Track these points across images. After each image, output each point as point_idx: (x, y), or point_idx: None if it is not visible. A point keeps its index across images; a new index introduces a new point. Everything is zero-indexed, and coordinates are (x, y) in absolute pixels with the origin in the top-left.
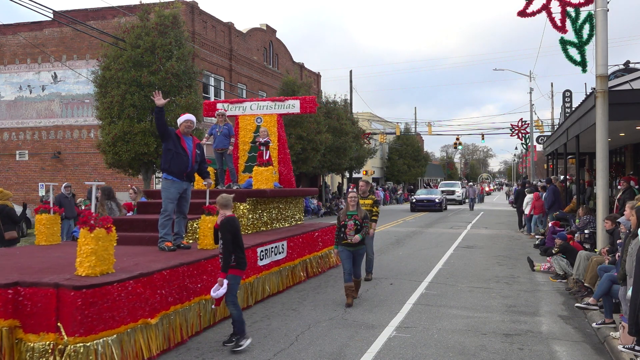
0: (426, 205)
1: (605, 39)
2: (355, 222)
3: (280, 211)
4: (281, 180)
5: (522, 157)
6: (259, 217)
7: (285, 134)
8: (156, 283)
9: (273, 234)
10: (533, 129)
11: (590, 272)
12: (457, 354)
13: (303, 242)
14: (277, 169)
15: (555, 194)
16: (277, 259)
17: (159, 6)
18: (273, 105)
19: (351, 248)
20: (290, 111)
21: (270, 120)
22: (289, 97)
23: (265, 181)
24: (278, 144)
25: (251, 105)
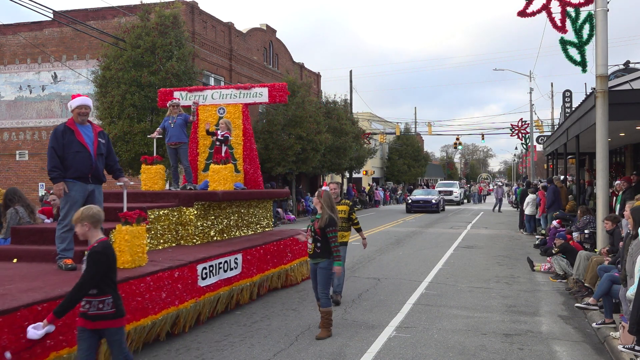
0: (422, 206)
1: (605, 39)
2: (312, 228)
3: (241, 217)
4: (246, 180)
5: (522, 157)
6: (211, 224)
7: (251, 127)
8: (19, 323)
9: (227, 245)
10: (533, 129)
11: (590, 272)
12: (457, 354)
13: (265, 254)
14: (242, 168)
15: (555, 194)
16: (229, 277)
17: (159, 6)
18: (238, 93)
19: (311, 260)
20: (258, 100)
21: (234, 111)
22: (255, 85)
23: (223, 181)
24: (243, 139)
25: (212, 93)
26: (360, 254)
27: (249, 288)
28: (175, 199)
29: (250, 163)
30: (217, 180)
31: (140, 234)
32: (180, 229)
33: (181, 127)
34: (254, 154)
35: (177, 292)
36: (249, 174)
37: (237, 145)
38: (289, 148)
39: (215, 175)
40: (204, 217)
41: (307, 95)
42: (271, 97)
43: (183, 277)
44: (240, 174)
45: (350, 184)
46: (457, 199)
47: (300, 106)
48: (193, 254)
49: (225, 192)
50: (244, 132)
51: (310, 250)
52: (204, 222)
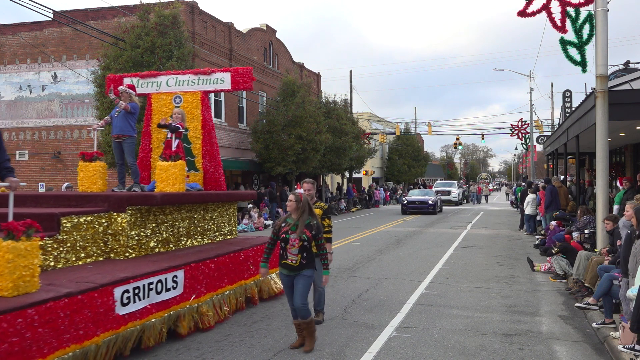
0: (418, 207)
1: (605, 39)
2: (303, 237)
3: (194, 223)
4: (206, 180)
5: (522, 157)
6: (151, 233)
7: (212, 118)
8: None
9: (166, 259)
10: (533, 129)
11: (590, 272)
12: (457, 354)
13: (218, 269)
14: (201, 165)
15: (553, 194)
16: (165, 299)
17: (159, 6)
18: (196, 79)
19: (290, 272)
20: (219, 87)
21: (192, 100)
22: (216, 69)
23: (172, 181)
24: (203, 132)
25: (167, 80)
26: (360, 254)
27: (194, 311)
28: (104, 203)
29: (211, 160)
30: (165, 179)
31: (30, 251)
32: (110, 239)
33: (126, 118)
34: (215, 150)
35: (82, 325)
36: (209, 173)
37: (195, 139)
38: (289, 148)
39: (163, 174)
40: (141, 225)
41: (307, 95)
42: (234, 83)
43: (92, 305)
44: (199, 172)
45: (350, 184)
46: (455, 200)
47: (300, 106)
48: (114, 272)
49: (166, 194)
50: (203, 125)
51: (294, 262)
52: (140, 231)
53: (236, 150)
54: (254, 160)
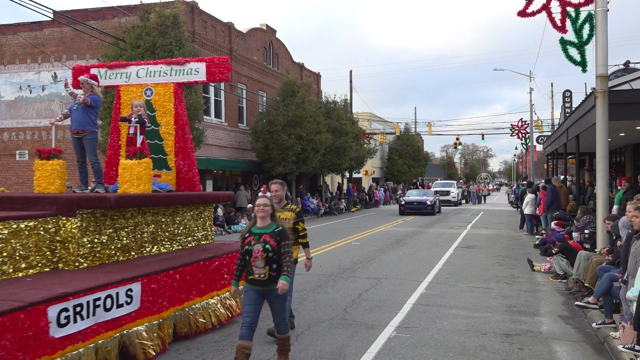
0: (416, 208)
1: (605, 39)
2: (266, 247)
3: (161, 228)
4: (179, 179)
5: (522, 157)
6: (108, 239)
7: (185, 113)
8: None
9: (121, 270)
10: (533, 129)
11: (590, 272)
12: (457, 354)
13: (184, 280)
14: (174, 164)
15: (554, 194)
16: (117, 317)
17: (159, 6)
18: (169, 70)
19: (259, 287)
20: (193, 79)
21: (164, 93)
22: (190, 59)
23: (136, 181)
24: (175, 128)
25: (138, 70)
26: (360, 254)
27: (154, 329)
28: (52, 206)
29: (184, 158)
30: (128, 179)
31: None
32: (59, 247)
33: (86, 112)
34: (188, 147)
35: (3, 352)
36: (182, 172)
37: (168, 135)
38: (289, 148)
39: (126, 174)
40: (95, 231)
41: (307, 95)
42: (209, 74)
43: (16, 328)
44: (172, 172)
45: (350, 184)
46: (454, 200)
47: (300, 106)
48: (52, 287)
49: (122, 196)
50: (176, 119)
51: (263, 276)
52: (94, 238)
53: (236, 150)
54: (254, 160)
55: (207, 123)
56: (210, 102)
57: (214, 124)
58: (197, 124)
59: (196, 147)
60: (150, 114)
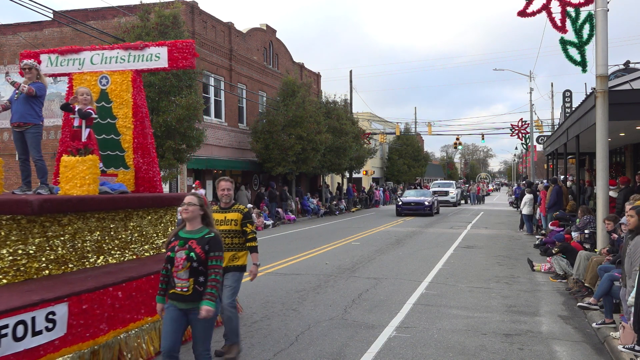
0: (413, 209)
1: (605, 39)
2: (190, 255)
3: (110, 235)
4: (138, 179)
5: (522, 157)
6: (37, 250)
7: (145, 104)
8: None
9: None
10: (533, 129)
11: (590, 272)
12: (457, 354)
13: (129, 297)
14: (132, 162)
15: (559, 195)
16: (31, 347)
17: (159, 6)
18: (126, 55)
19: (181, 304)
20: (154, 65)
21: (121, 81)
22: (150, 43)
23: (80, 181)
24: (134, 121)
25: (92, 56)
26: (360, 254)
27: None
28: None
29: (144, 155)
30: (70, 179)
31: None
32: None
33: (29, 102)
34: (148, 143)
35: None
36: (142, 171)
37: (125, 130)
38: (289, 148)
39: (68, 172)
40: (19, 240)
41: (307, 95)
42: (172, 60)
43: None
44: (130, 170)
45: (350, 184)
46: (453, 200)
47: (301, 106)
48: None
49: (47, 199)
50: (134, 112)
51: (186, 290)
52: (18, 248)
53: (236, 150)
54: (254, 160)
55: (207, 123)
56: (210, 102)
57: (214, 124)
58: (197, 124)
59: (196, 147)
60: (106, 106)
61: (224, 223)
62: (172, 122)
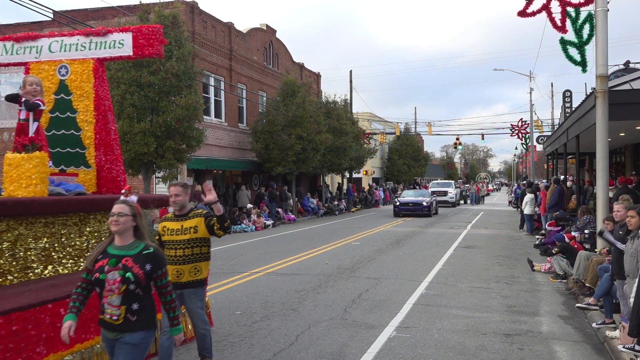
0: (411, 209)
1: (605, 39)
2: (127, 276)
3: (59, 242)
4: (100, 179)
5: (522, 157)
6: None
7: (108, 96)
8: None
9: None
10: (533, 129)
11: (591, 272)
12: (457, 354)
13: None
14: (94, 160)
15: (560, 196)
16: None
17: (159, 6)
18: (87, 42)
19: (110, 333)
20: (118, 53)
21: (82, 71)
22: (113, 29)
23: (25, 181)
24: (95, 115)
25: (51, 44)
26: (360, 254)
27: None
28: None
29: (107, 153)
30: (15, 179)
31: None
32: None
33: None
34: (111, 139)
35: None
36: (104, 170)
37: (86, 124)
38: (289, 148)
39: (13, 172)
40: None
41: (307, 95)
42: (137, 47)
43: None
44: (91, 169)
45: (350, 184)
46: (452, 201)
47: (301, 106)
48: None
49: None
50: (96, 105)
51: (116, 318)
52: None
53: (236, 150)
54: (254, 160)
55: (207, 123)
56: (210, 102)
57: (214, 124)
58: (197, 124)
59: (196, 147)
60: (65, 98)
61: (181, 232)
62: (172, 122)
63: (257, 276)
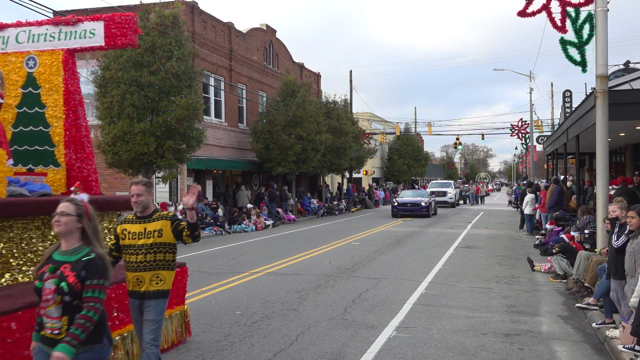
0: (410, 209)
1: (605, 39)
2: (61, 286)
3: (18, 247)
4: (70, 179)
5: (522, 157)
6: None
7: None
8: None
9: None
10: (533, 129)
11: (590, 272)
12: (457, 354)
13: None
14: (64, 158)
15: (560, 196)
16: None
17: (159, 6)
18: (56, 32)
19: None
20: (89, 44)
21: (51, 63)
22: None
23: None
24: (65, 110)
25: (18, 34)
26: (360, 254)
27: None
28: None
29: (77, 150)
30: None
31: None
32: None
33: None
34: (82, 136)
35: None
36: (75, 170)
37: (56, 120)
38: (289, 148)
39: None
40: None
41: (307, 95)
42: (109, 37)
43: None
44: (61, 168)
45: (350, 184)
46: (451, 201)
47: (301, 106)
48: None
49: None
50: (66, 99)
51: (57, 332)
52: None
53: (236, 150)
54: (254, 160)
55: (207, 123)
56: (210, 102)
57: (214, 124)
58: (197, 124)
59: (196, 147)
60: (33, 92)
61: (143, 236)
62: (172, 122)
63: (257, 276)
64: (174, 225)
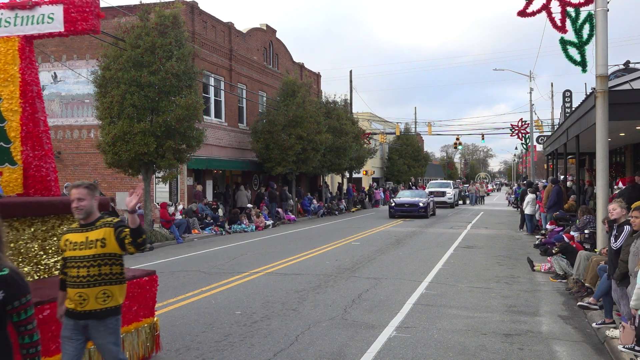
0: (407, 210)
1: (605, 39)
2: None
3: None
4: (27, 178)
5: (522, 157)
6: None
7: (38, 81)
8: None
9: None
10: (533, 129)
11: (590, 272)
12: (457, 354)
13: None
14: (20, 156)
15: (559, 195)
16: None
17: (159, 6)
18: (12, 17)
19: None
20: (47, 29)
21: (6, 51)
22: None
23: None
24: (22, 103)
25: None
26: (360, 254)
27: None
28: None
29: (35, 147)
30: None
31: None
32: None
33: None
34: (40, 131)
35: None
36: (32, 168)
37: (11, 114)
38: (289, 148)
39: None
40: None
41: (307, 95)
42: (69, 22)
43: None
44: (17, 167)
45: (350, 184)
46: (450, 201)
47: (301, 106)
48: None
49: None
50: (23, 91)
51: None
52: None
53: (236, 150)
54: (254, 160)
55: (207, 123)
56: (210, 102)
57: (214, 124)
58: (197, 124)
59: (196, 147)
60: None
61: (85, 246)
62: (172, 122)
63: (257, 276)
64: (117, 232)
